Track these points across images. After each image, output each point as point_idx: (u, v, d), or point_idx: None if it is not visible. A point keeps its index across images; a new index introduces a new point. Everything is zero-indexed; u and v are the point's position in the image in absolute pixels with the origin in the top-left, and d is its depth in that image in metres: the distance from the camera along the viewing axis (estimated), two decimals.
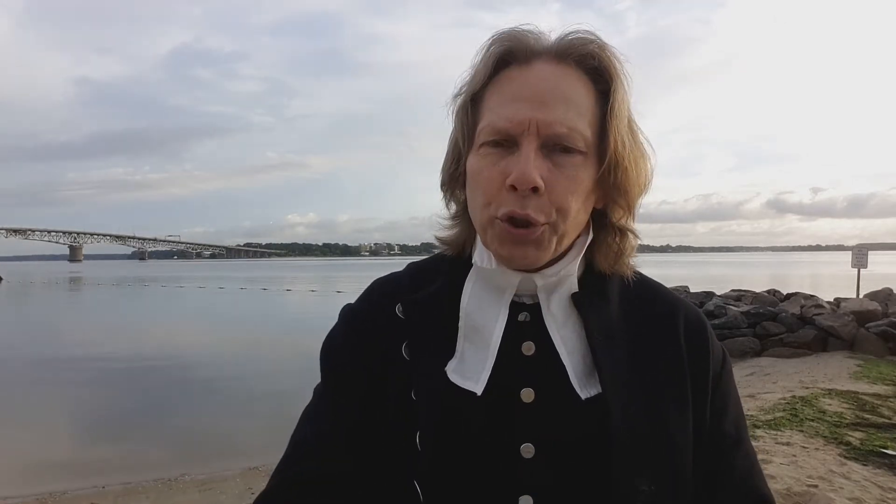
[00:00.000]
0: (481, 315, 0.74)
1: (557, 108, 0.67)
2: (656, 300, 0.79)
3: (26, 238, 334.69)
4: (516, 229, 0.67)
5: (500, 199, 0.68)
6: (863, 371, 7.72)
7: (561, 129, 0.66)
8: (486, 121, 0.70)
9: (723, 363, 0.78)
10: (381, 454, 0.72)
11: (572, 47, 0.70)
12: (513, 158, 0.67)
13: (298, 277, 57.87)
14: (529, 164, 0.65)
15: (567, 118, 0.67)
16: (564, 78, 0.69)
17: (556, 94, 0.68)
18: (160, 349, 13.74)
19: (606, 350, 0.71)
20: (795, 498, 3.46)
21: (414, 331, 0.75)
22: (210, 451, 6.39)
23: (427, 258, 0.85)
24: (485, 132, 0.70)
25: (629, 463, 0.67)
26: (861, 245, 13.58)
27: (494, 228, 0.69)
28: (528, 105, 0.67)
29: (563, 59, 0.70)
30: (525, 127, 0.67)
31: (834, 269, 47.61)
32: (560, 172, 0.67)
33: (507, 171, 0.67)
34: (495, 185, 0.68)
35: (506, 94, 0.69)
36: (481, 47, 0.72)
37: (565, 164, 0.67)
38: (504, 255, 0.70)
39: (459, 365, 0.72)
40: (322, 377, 0.79)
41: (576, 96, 0.68)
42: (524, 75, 0.69)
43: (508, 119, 0.67)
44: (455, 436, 0.69)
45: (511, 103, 0.68)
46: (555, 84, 0.68)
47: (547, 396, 0.70)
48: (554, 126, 0.66)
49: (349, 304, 0.83)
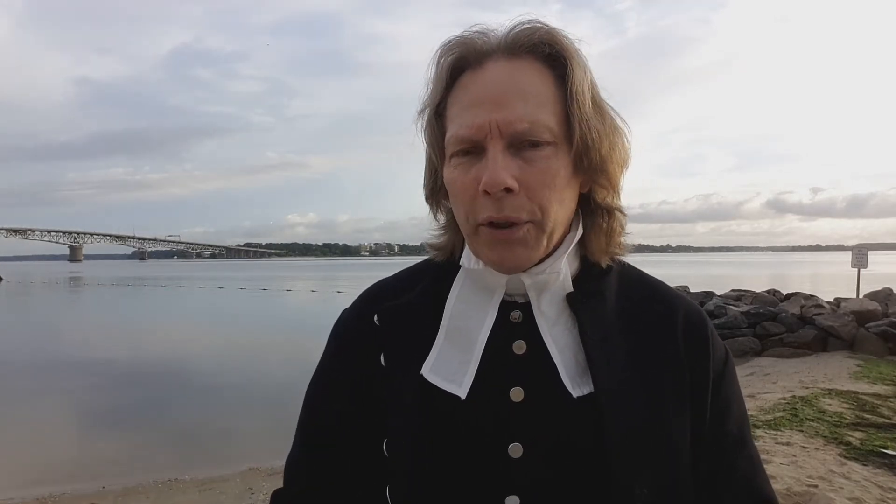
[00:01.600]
0: (467, 316, 0.74)
1: (515, 105, 0.66)
2: (655, 298, 0.77)
3: (26, 238, 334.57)
4: (500, 230, 0.67)
5: (477, 207, 0.68)
6: (863, 371, 7.72)
7: (522, 126, 0.66)
8: (451, 132, 0.69)
9: (725, 362, 0.77)
10: (363, 465, 0.74)
11: (521, 39, 0.68)
12: (482, 164, 0.67)
13: (298, 277, 57.85)
14: (497, 166, 0.65)
15: (527, 113, 0.66)
16: (518, 72, 0.68)
17: (511, 91, 0.66)
18: (160, 349, 13.73)
19: (600, 348, 0.70)
20: (795, 498, 3.46)
21: (389, 338, 0.76)
22: (210, 451, 6.39)
23: (418, 262, 0.85)
24: (451, 143, 0.69)
25: (625, 463, 0.66)
26: (861, 245, 13.57)
27: (480, 235, 0.69)
28: (485, 108, 0.66)
29: (514, 54, 0.68)
30: (486, 131, 0.66)
31: (834, 269, 47.58)
32: (532, 167, 0.66)
33: (478, 178, 0.66)
34: (470, 192, 0.68)
35: (464, 102, 0.69)
36: (432, 58, 0.72)
37: (535, 158, 0.66)
38: (494, 259, 0.70)
39: (437, 366, 0.72)
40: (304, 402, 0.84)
41: (533, 88, 0.67)
42: (478, 79, 0.68)
43: (469, 126, 0.67)
44: (433, 439, 0.69)
45: (469, 110, 0.67)
46: (509, 81, 0.67)
47: (537, 395, 0.70)
48: (515, 124, 0.65)
49: (336, 323, 0.85)
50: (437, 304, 0.76)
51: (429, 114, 0.73)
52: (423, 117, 0.74)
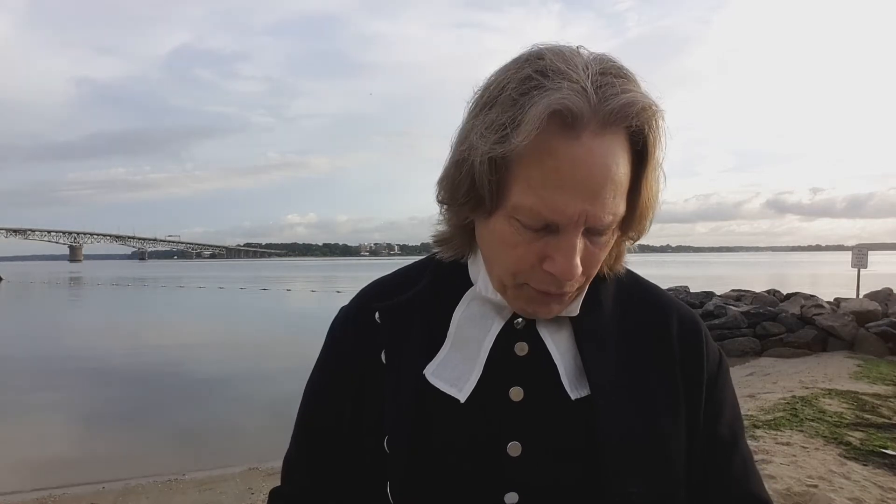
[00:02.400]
0: (475, 327, 0.74)
1: (607, 198, 0.61)
2: (649, 302, 0.78)
3: (26, 238, 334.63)
4: (548, 296, 0.67)
5: (533, 276, 0.65)
6: (863, 371, 7.73)
7: (608, 219, 0.62)
8: (527, 202, 0.61)
9: (719, 365, 0.77)
10: (362, 462, 0.74)
11: (625, 115, 0.59)
12: (552, 242, 0.63)
13: (298, 277, 57.88)
14: (575, 260, 0.62)
15: (614, 206, 0.62)
16: (613, 156, 0.60)
17: (607, 182, 0.60)
18: (160, 349, 13.73)
19: (596, 352, 0.71)
20: (795, 498, 3.46)
21: (390, 335, 0.76)
22: (210, 451, 6.38)
23: (419, 260, 0.85)
24: (524, 213, 0.62)
25: (619, 464, 0.67)
26: (861, 245, 13.57)
27: (523, 291, 0.68)
28: (579, 197, 0.60)
29: (611, 128, 0.60)
30: (574, 220, 0.61)
31: (834, 269, 47.60)
32: (593, 248, 0.65)
33: (544, 254, 0.63)
34: (528, 263, 0.65)
35: (551, 177, 0.59)
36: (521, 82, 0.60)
37: (600, 241, 0.65)
38: (528, 311, 0.70)
39: (440, 369, 0.72)
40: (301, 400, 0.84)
41: (622, 176, 0.62)
42: (573, 153, 0.59)
43: (558, 212, 0.60)
44: (432, 436, 0.70)
45: (559, 191, 0.59)
46: (606, 168, 0.60)
47: (536, 395, 0.70)
48: (603, 219, 0.62)
49: (334, 321, 0.84)
50: (439, 303, 0.76)
51: (497, 152, 0.60)
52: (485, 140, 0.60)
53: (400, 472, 0.69)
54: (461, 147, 0.65)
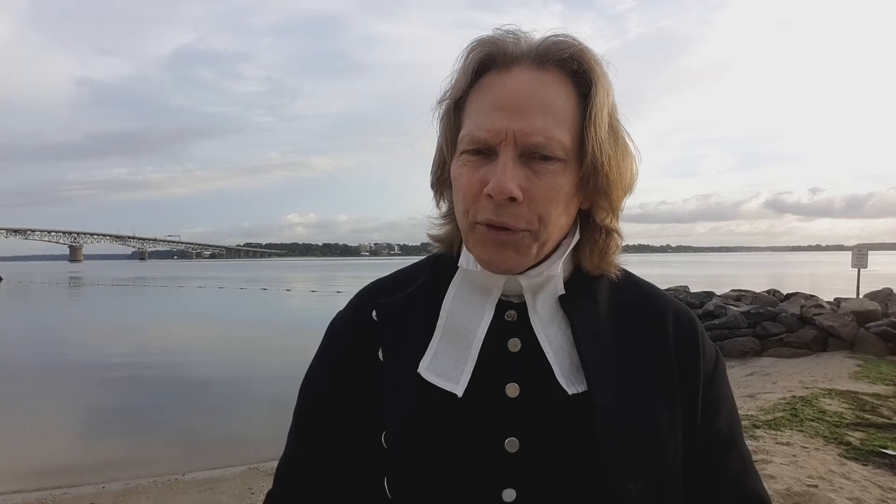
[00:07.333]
0: (465, 316, 0.75)
1: (535, 117, 0.66)
2: (645, 301, 0.79)
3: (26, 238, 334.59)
4: (495, 231, 0.68)
5: (478, 207, 0.68)
6: (863, 371, 7.73)
7: (538, 139, 0.66)
8: (466, 129, 0.70)
9: (715, 363, 0.78)
10: (362, 460, 0.74)
11: (552, 51, 0.68)
12: (491, 167, 0.67)
13: (298, 277, 57.86)
14: (506, 175, 0.65)
15: (545, 127, 0.66)
16: (543, 83, 0.68)
17: (533, 102, 0.67)
18: (160, 349, 13.73)
19: (592, 349, 0.72)
20: (795, 498, 3.46)
21: (388, 333, 0.77)
22: (210, 451, 6.38)
23: (417, 261, 0.86)
24: (465, 141, 0.69)
25: (617, 459, 0.67)
26: (861, 245, 13.57)
27: (475, 233, 0.70)
28: (505, 115, 0.66)
29: (542, 64, 0.68)
30: (502, 137, 0.66)
31: (834, 269, 47.59)
32: (539, 180, 0.67)
33: (485, 180, 0.67)
34: (474, 191, 0.68)
35: (484, 103, 0.69)
36: (462, 52, 0.71)
37: (544, 171, 0.67)
38: (485, 258, 0.70)
39: (434, 364, 0.73)
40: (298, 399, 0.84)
41: (554, 103, 0.67)
42: (502, 82, 0.68)
43: (486, 129, 0.67)
44: (430, 432, 0.70)
45: (488, 112, 0.67)
46: (533, 91, 0.67)
47: (532, 391, 0.71)
48: (531, 136, 0.66)
49: (333, 319, 0.85)
50: (435, 300, 0.77)
51: (447, 105, 0.73)
52: (441, 106, 0.74)
53: (398, 468, 0.70)
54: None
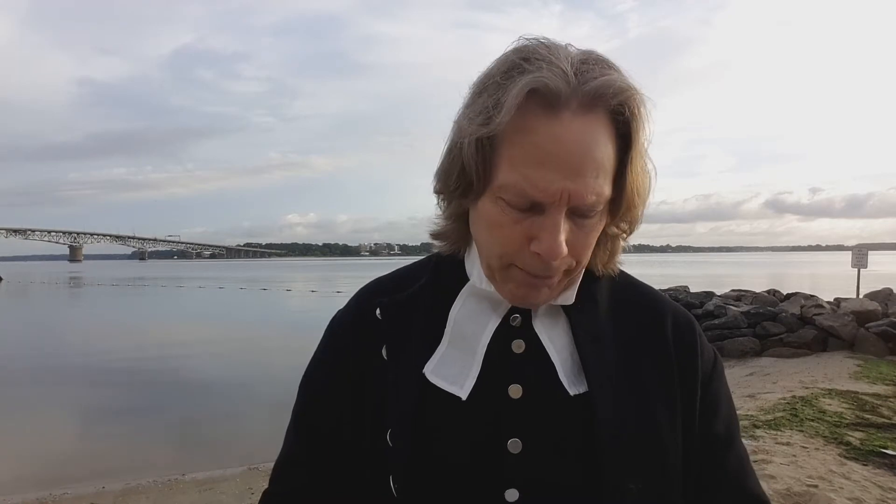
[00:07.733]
0: (471, 324, 0.75)
1: (589, 177, 0.62)
2: (645, 302, 0.79)
3: (26, 238, 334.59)
4: (536, 278, 0.67)
5: (520, 257, 0.66)
6: (863, 371, 7.72)
7: (591, 199, 0.63)
8: (510, 179, 0.63)
9: (713, 364, 0.78)
10: (362, 458, 0.74)
11: (604, 95, 0.62)
12: (536, 221, 0.64)
13: (298, 277, 57.85)
14: (559, 238, 0.63)
15: (597, 186, 0.63)
16: (593, 134, 0.62)
17: (587, 160, 0.62)
18: (160, 349, 13.72)
19: (593, 350, 0.72)
20: (795, 498, 3.46)
21: (391, 332, 0.76)
22: (210, 451, 6.39)
23: (418, 260, 0.86)
24: (509, 192, 0.63)
25: (617, 459, 0.68)
26: (861, 245, 13.57)
27: (510, 273, 0.68)
28: (559, 174, 0.61)
29: (591, 108, 0.62)
30: (557, 198, 0.62)
31: (834, 269, 47.59)
32: (581, 232, 0.66)
33: (530, 234, 0.64)
34: (516, 243, 0.65)
35: (532, 154, 0.61)
36: (506, 68, 0.63)
37: (586, 225, 0.66)
38: (518, 296, 0.70)
39: (439, 367, 0.73)
40: (297, 398, 0.83)
41: (605, 155, 0.63)
42: (552, 132, 0.61)
43: (540, 190, 0.62)
44: (434, 432, 0.70)
45: (540, 168, 0.61)
46: (586, 146, 0.62)
47: (535, 392, 0.71)
48: (585, 197, 0.62)
49: (333, 318, 0.85)
50: (438, 301, 0.77)
51: (482, 133, 0.62)
52: (472, 123, 0.64)
53: (402, 468, 0.70)
54: (453, 136, 0.68)
